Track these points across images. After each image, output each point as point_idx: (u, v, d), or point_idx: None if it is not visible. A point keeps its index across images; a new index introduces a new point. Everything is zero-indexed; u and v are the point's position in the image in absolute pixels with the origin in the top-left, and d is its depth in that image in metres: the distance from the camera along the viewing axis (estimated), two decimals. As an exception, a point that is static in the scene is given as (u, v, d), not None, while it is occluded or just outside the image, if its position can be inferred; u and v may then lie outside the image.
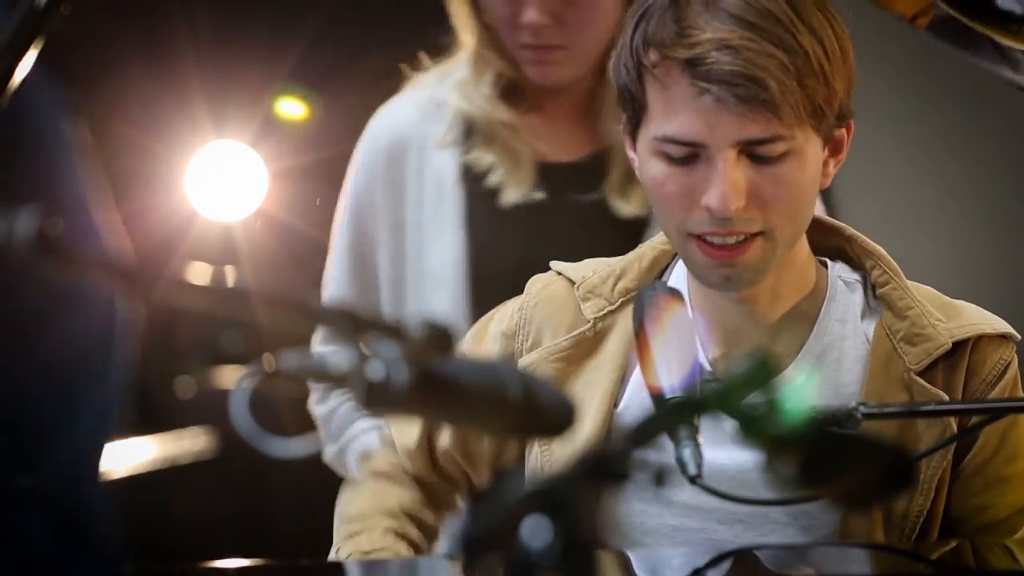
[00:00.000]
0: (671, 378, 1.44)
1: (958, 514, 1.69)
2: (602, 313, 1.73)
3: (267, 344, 0.95)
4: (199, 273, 0.87)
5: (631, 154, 1.70)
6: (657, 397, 1.47)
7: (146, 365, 3.31)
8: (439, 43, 2.37)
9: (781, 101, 1.56)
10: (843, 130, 1.67)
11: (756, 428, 0.95)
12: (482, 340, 1.79)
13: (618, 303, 1.74)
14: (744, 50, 1.56)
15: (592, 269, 1.77)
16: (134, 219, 3.22)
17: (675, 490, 1.65)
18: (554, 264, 1.79)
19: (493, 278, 2.21)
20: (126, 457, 3.06)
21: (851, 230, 1.75)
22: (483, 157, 2.28)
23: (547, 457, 1.72)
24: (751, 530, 1.66)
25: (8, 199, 0.85)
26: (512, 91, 2.28)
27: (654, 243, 1.78)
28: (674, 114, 1.60)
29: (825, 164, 1.66)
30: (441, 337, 0.96)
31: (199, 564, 1.67)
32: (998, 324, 1.71)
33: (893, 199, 3.76)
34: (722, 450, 1.59)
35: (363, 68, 3.32)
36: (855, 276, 1.75)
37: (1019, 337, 1.71)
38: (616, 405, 1.70)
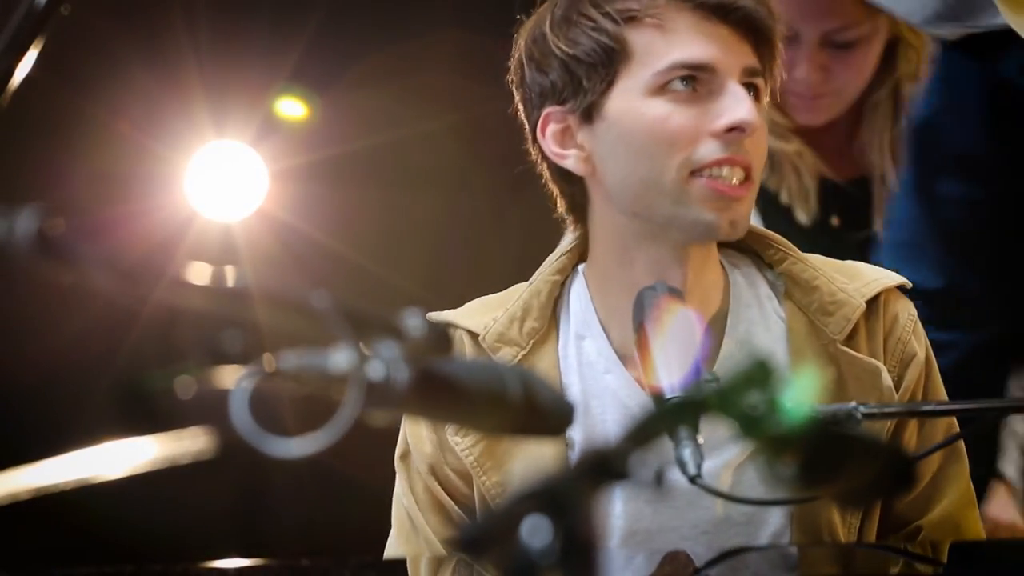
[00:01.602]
0: (671, 378, 1.44)
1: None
2: (517, 359, 1.70)
3: (267, 344, 0.95)
4: (199, 273, 0.86)
5: (556, 150, 1.68)
6: (657, 397, 1.47)
7: (146, 365, 3.32)
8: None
9: (775, 30, 1.65)
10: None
11: (756, 428, 0.95)
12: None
13: (529, 346, 1.71)
14: None
15: (490, 316, 1.73)
16: (134, 219, 3.23)
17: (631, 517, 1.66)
18: (436, 316, 1.74)
19: None
20: (126, 457, 3.06)
21: None
22: (768, 180, 2.49)
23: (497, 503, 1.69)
24: (715, 539, 1.67)
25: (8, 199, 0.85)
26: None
27: (544, 275, 1.75)
28: (680, 44, 1.62)
29: None
30: (441, 337, 0.96)
31: (199, 564, 1.67)
32: (893, 275, 1.73)
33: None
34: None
35: (363, 68, 3.33)
36: (745, 259, 1.75)
37: (911, 285, 1.72)
38: (566, 444, 1.68)
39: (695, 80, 1.61)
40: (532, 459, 1.68)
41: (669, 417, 1.17)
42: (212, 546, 3.11)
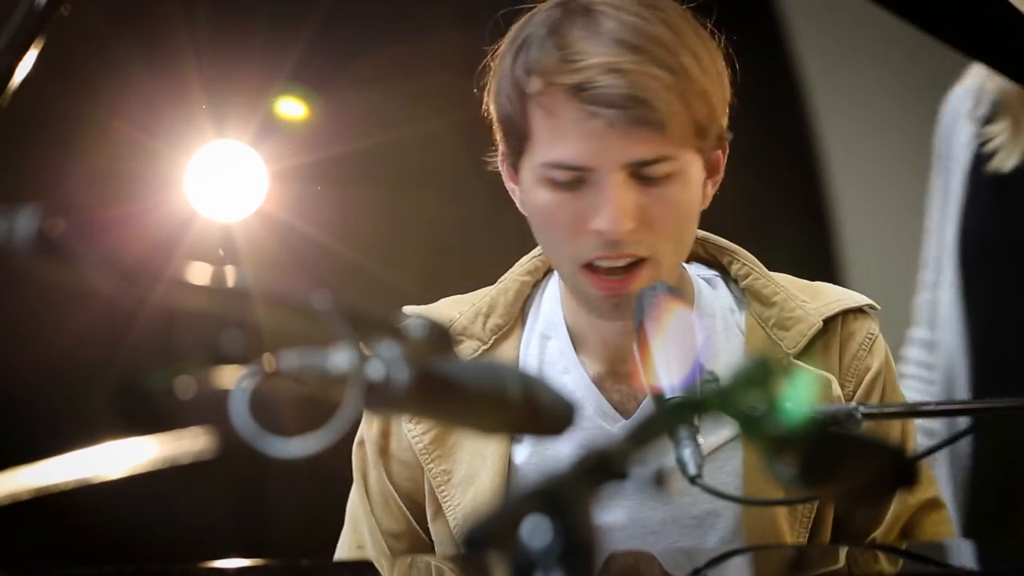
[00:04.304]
0: (671, 378, 1.44)
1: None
2: (477, 353, 1.74)
3: (267, 344, 0.95)
4: (199, 273, 0.86)
5: (511, 186, 1.72)
6: (657, 397, 1.47)
7: (146, 365, 3.31)
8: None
9: (668, 121, 1.58)
10: (719, 151, 1.68)
11: (756, 428, 0.95)
12: None
13: (491, 341, 1.76)
14: (631, 72, 1.58)
15: (457, 310, 1.77)
16: (134, 219, 3.24)
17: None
18: (409, 309, 1.77)
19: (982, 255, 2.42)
20: (126, 457, 3.06)
21: (701, 232, 1.77)
22: (993, 128, 2.45)
23: (453, 515, 1.72)
24: (662, 540, 1.68)
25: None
26: None
27: (514, 275, 1.79)
28: (561, 139, 1.60)
29: (704, 185, 1.67)
30: (441, 337, 0.96)
31: (199, 564, 1.67)
32: (859, 298, 1.75)
33: (893, 204, 3.76)
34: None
35: (363, 68, 3.33)
36: (711, 272, 1.78)
37: (879, 308, 1.75)
38: (511, 439, 1.72)
39: (575, 174, 1.61)
40: (479, 450, 1.71)
41: (669, 417, 1.17)
42: (212, 546, 3.11)
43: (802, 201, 3.95)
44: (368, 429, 1.79)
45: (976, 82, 2.50)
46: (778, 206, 3.75)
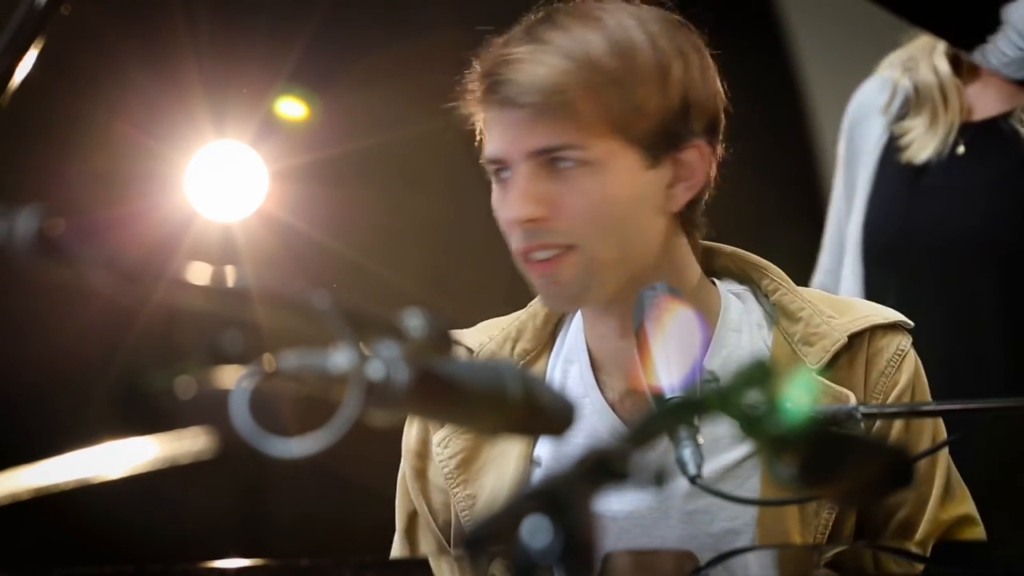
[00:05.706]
0: (671, 378, 1.44)
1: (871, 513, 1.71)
2: None
3: (267, 344, 0.95)
4: (199, 273, 0.87)
5: None
6: (657, 397, 1.47)
7: (146, 365, 3.31)
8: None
9: (565, 108, 1.60)
10: (692, 152, 1.67)
11: (756, 428, 0.95)
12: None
13: (519, 366, 1.76)
14: (522, 61, 1.62)
15: (488, 335, 1.80)
16: (134, 219, 3.23)
17: None
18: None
19: (892, 245, 2.43)
20: (126, 457, 3.06)
21: (729, 247, 1.79)
22: (911, 122, 2.46)
23: (467, 516, 1.73)
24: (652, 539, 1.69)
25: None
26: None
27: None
28: (488, 135, 1.67)
29: (671, 186, 1.67)
30: (441, 337, 0.96)
31: (199, 564, 1.67)
32: (889, 314, 1.74)
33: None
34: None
35: (363, 68, 3.33)
36: (742, 288, 1.78)
37: (911, 324, 1.73)
38: (533, 462, 1.73)
39: (503, 170, 1.66)
40: (503, 475, 1.72)
41: (669, 417, 1.17)
42: (212, 546, 3.10)
43: (802, 201, 3.94)
44: (405, 455, 1.81)
45: (890, 76, 2.52)
46: (778, 206, 3.74)
